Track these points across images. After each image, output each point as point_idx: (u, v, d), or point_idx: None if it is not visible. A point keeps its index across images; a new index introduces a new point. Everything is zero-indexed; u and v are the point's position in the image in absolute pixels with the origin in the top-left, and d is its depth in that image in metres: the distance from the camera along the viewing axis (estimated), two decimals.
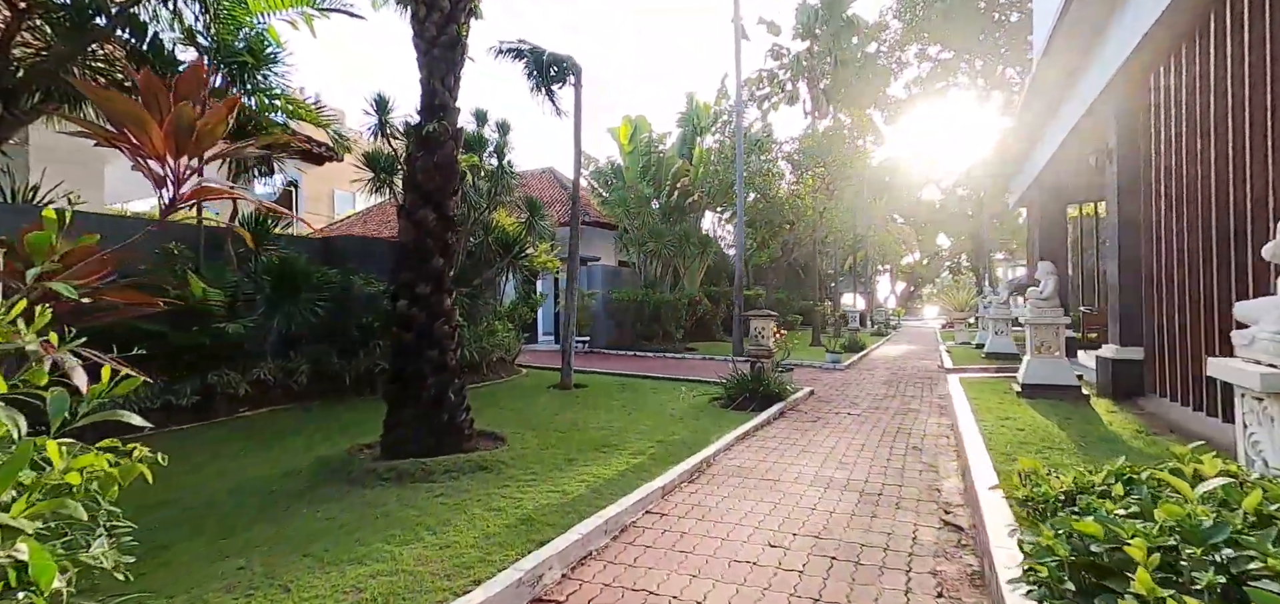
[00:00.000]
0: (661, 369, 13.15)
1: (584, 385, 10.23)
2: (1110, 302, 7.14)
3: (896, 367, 14.30)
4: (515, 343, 11.90)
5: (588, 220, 20.35)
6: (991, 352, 12.32)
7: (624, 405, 8.48)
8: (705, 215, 23.20)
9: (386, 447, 5.63)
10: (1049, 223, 12.05)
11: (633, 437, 6.55)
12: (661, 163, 19.37)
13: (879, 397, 9.68)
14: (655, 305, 16.74)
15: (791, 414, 8.20)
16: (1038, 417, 5.96)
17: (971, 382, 8.97)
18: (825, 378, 12.19)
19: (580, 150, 10.06)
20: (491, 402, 8.72)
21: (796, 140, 19.97)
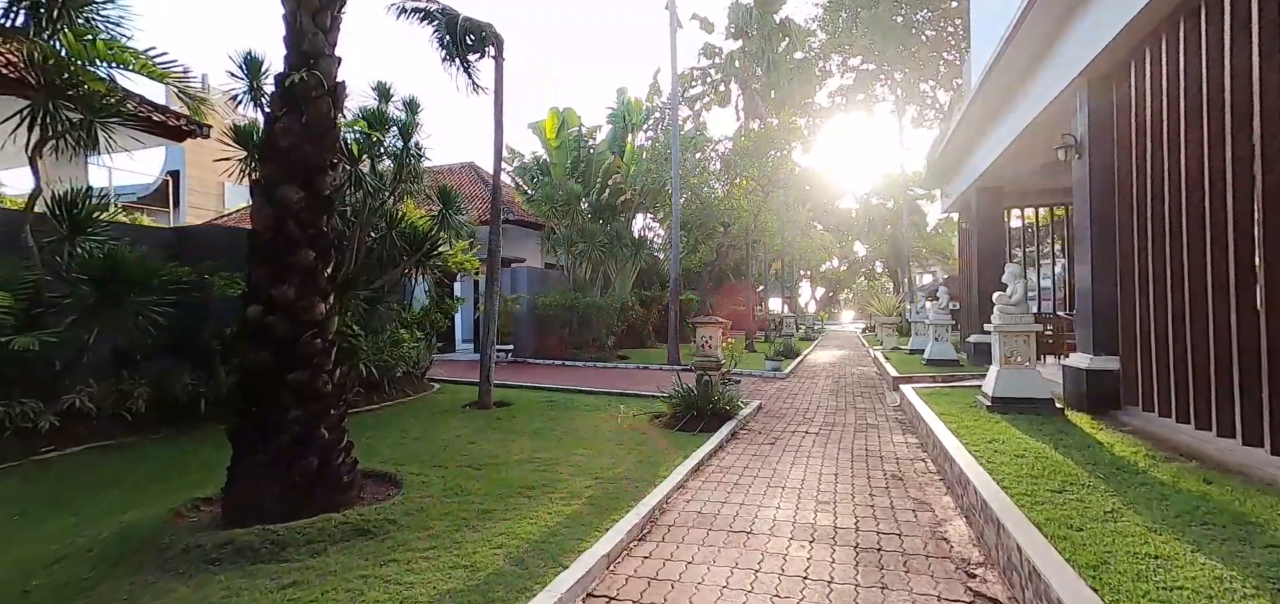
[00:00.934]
0: (594, 381, 11.97)
1: (506, 404, 8.89)
2: (1080, 307, 6.69)
3: (836, 373, 13.85)
4: (426, 354, 10.36)
5: (512, 219, 18.88)
6: (932, 358, 12.03)
7: (553, 428, 7.25)
8: (636, 217, 22.27)
9: (229, 506, 4.15)
10: (987, 226, 11.91)
11: (565, 472, 5.36)
12: (592, 159, 18.21)
13: (831, 410, 8.97)
14: (586, 311, 15.54)
15: (745, 435, 7.27)
16: (1026, 438, 5.30)
17: (927, 393, 8.43)
18: (769, 388, 11.45)
19: (501, 132, 8.75)
20: (392, 428, 7.24)
21: (731, 140, 19.44)
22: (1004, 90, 8.93)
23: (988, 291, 11.93)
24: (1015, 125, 8.81)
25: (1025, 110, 8.29)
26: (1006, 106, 9.16)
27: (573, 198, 16.01)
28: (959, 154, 12.56)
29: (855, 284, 63.04)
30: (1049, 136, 8.62)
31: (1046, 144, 9.28)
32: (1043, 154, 10.02)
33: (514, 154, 20.22)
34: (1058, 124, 8.14)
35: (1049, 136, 8.62)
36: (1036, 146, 9.34)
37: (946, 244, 45.50)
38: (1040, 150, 9.68)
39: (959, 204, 14.11)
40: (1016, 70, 8.01)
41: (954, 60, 32.17)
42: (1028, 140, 8.85)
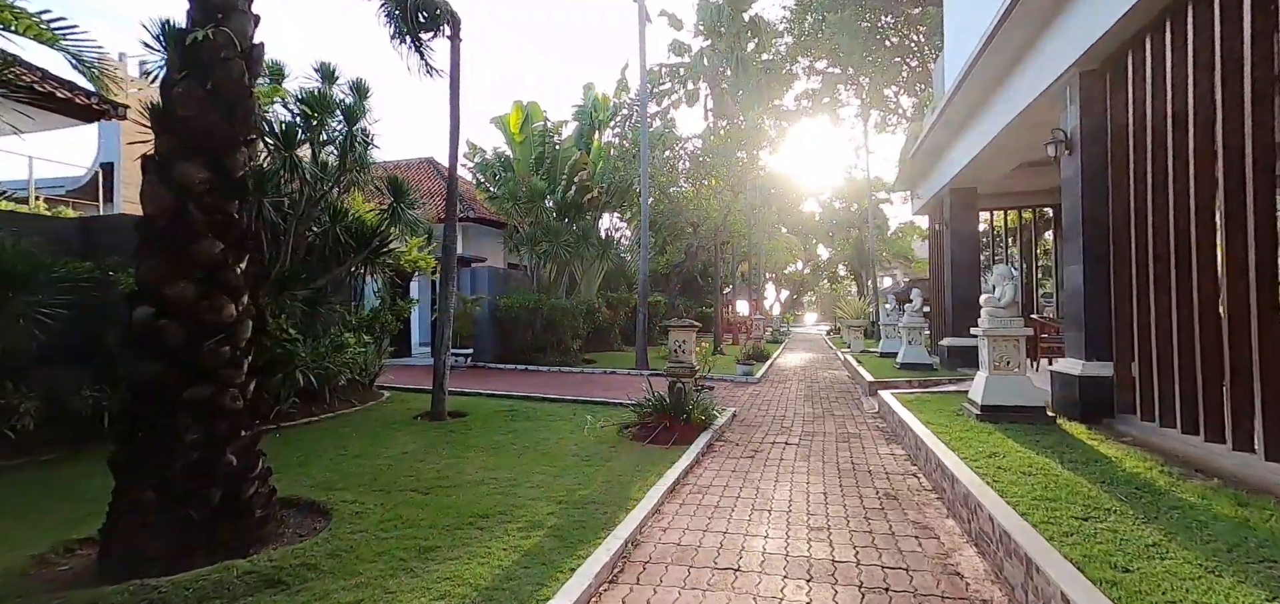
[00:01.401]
0: (559, 388, 11.31)
1: (462, 414, 8.18)
2: (1070, 310, 6.41)
3: (808, 378, 13.52)
4: (375, 360, 9.53)
5: (472, 216, 18.05)
6: (906, 362, 11.78)
7: (513, 442, 6.60)
8: (603, 216, 21.67)
9: (110, 550, 3.40)
10: (961, 227, 11.73)
11: (524, 494, 4.73)
12: (557, 155, 17.53)
13: (809, 418, 8.55)
14: (550, 313, 14.85)
15: (722, 447, 6.75)
16: (1027, 452, 4.92)
17: (908, 399, 8.08)
18: (742, 394, 11.00)
19: (458, 119, 8.04)
20: (330, 444, 6.46)
21: (700, 139, 19.04)
22: (984, 87, 8.68)
23: (962, 294, 11.77)
24: (995, 122, 8.56)
25: (1006, 107, 8.04)
26: (986, 104, 8.92)
27: (537, 195, 15.31)
28: (933, 155, 12.38)
29: (818, 287, 63.79)
30: (1030, 135, 8.41)
31: (1025, 143, 9.08)
32: (1020, 154, 9.85)
33: (475, 149, 19.37)
34: (1039, 122, 7.91)
35: (1030, 135, 8.41)
36: (1015, 146, 9.14)
37: (907, 247, 46.31)
38: (1019, 150, 9.49)
39: (930, 206, 13.97)
40: (1000, 64, 7.73)
41: (917, 67, 32.60)
42: (1007, 139, 8.62)
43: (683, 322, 7.51)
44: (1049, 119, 7.68)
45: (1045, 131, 8.34)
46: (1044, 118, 7.65)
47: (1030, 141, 8.69)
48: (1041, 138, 8.82)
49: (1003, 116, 8.25)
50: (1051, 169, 11.90)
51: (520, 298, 14.81)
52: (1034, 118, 7.73)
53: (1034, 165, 11.45)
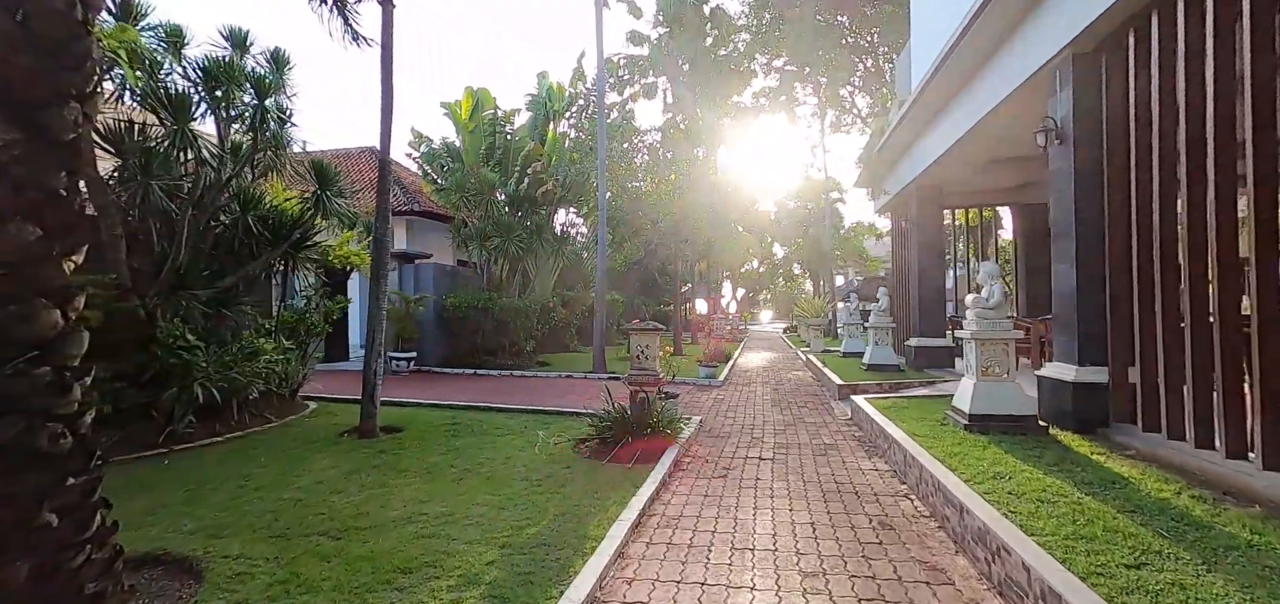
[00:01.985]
0: (509, 395, 10.43)
1: (397, 429, 7.24)
2: (1060, 312, 6.00)
3: (772, 379, 13.04)
4: (298, 367, 8.45)
5: (417, 210, 16.87)
6: (873, 363, 11.41)
7: (452, 463, 5.75)
8: (559, 211, 20.79)
9: None
10: (927, 225, 11.43)
11: (460, 535, 3.93)
12: (510, 146, 16.55)
13: (780, 426, 7.97)
14: (501, 313, 13.89)
15: (690, 464, 6.06)
16: (1034, 471, 4.41)
17: (884, 405, 7.60)
18: (705, 399, 10.37)
19: (391, 95, 7.08)
20: (230, 472, 5.46)
21: (659, 131, 18.38)
22: (960, 77, 8.29)
23: (929, 294, 11.47)
24: (970, 115, 8.17)
25: (985, 98, 7.64)
26: (960, 96, 8.54)
27: (487, 187, 14.32)
28: (899, 151, 12.06)
29: (774, 285, 64.34)
30: (1007, 129, 8.06)
31: (1001, 138, 8.76)
32: (991, 150, 9.55)
33: (421, 139, 18.17)
34: (1019, 114, 7.55)
35: (1007, 129, 8.06)
36: (990, 141, 8.81)
37: (860, 246, 47.02)
38: (991, 146, 9.18)
39: (894, 204, 13.70)
40: (982, 48, 7.32)
41: (872, 67, 32.90)
42: (983, 132, 8.26)
43: (645, 324, 6.79)
44: (1029, 111, 7.32)
45: (1023, 125, 8.02)
46: (1025, 109, 7.28)
47: (1006, 136, 8.37)
48: (1018, 132, 8.53)
49: (980, 108, 7.86)
50: (1017, 167, 11.77)
51: (469, 297, 13.80)
52: (1013, 109, 7.36)
53: (1000, 163, 11.25)
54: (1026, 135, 9.17)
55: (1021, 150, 10.34)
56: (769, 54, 33.89)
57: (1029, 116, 7.58)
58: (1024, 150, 10.26)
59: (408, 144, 18.53)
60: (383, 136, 7.10)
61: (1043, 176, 12.50)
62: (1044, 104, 6.93)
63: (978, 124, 7.97)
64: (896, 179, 12.73)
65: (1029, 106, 7.17)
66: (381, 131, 7.11)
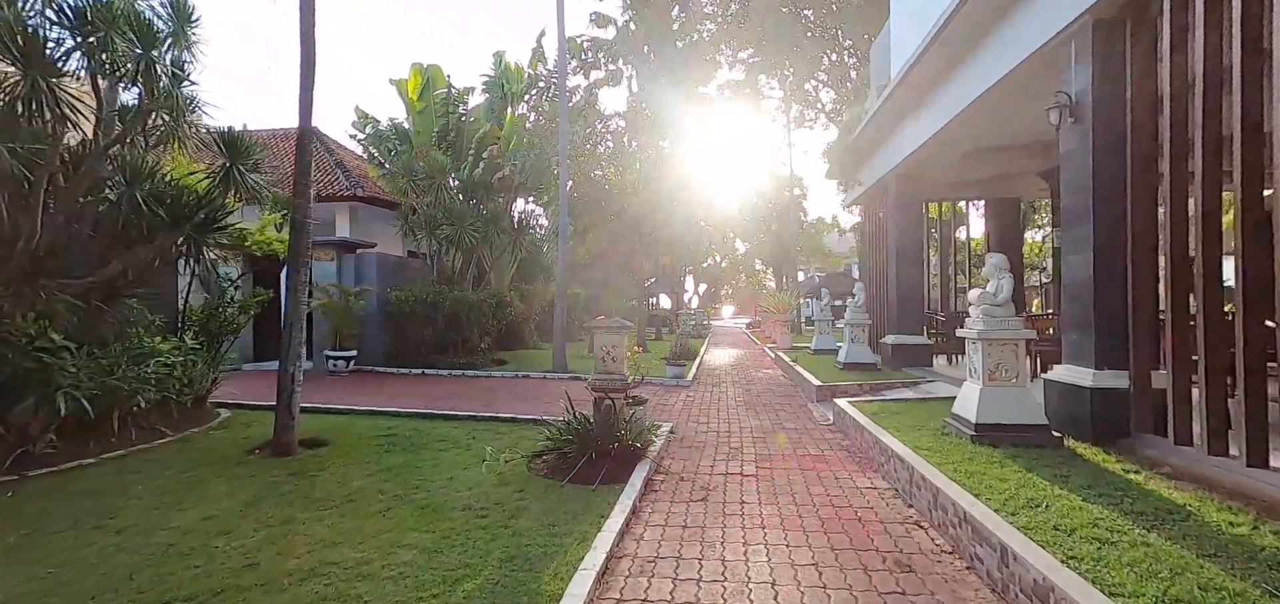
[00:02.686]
0: (459, 398, 9.43)
1: (320, 443, 6.21)
2: (1073, 307, 5.42)
3: (742, 378, 12.38)
4: (205, 371, 7.27)
5: (361, 196, 15.55)
6: (849, 362, 10.84)
7: (380, 489, 4.79)
8: (517, 200, 19.70)
9: None
10: (905, 217, 10.92)
11: (373, 597, 3.02)
12: (464, 128, 15.40)
13: (758, 433, 7.25)
14: (453, 307, 12.80)
15: (662, 484, 5.26)
16: (1073, 498, 3.76)
17: (870, 409, 6.96)
18: (675, 401, 9.60)
19: (312, 46, 5.98)
20: (94, 505, 4.37)
21: (623, 117, 17.50)
22: (949, 58, 7.73)
23: (906, 288, 10.97)
24: (961, 97, 7.61)
25: (978, 77, 7.08)
26: (950, 78, 7.98)
27: (438, 171, 13.16)
28: (876, 140, 11.53)
29: (736, 280, 64.36)
30: (1001, 109, 7.52)
31: (993, 122, 8.26)
32: (982, 134, 9.06)
33: (366, 118, 16.79)
34: (1016, 94, 7.00)
35: (1001, 109, 7.52)
36: (981, 124, 8.28)
37: (821, 241, 47.19)
38: (982, 129, 8.67)
39: (868, 196, 13.21)
40: (976, 24, 6.74)
41: (836, 60, 32.78)
42: (975, 114, 7.71)
43: (613, 323, 5.94)
44: (1028, 90, 6.78)
45: (1018, 107, 7.50)
46: (1022, 89, 6.73)
47: (999, 120, 7.85)
48: (1011, 115, 8.03)
49: (972, 89, 7.29)
50: (996, 158, 11.37)
51: (417, 290, 12.65)
52: (1010, 89, 6.80)
53: (981, 153, 10.82)
54: (1018, 120, 8.73)
55: (1009, 137, 9.92)
56: (735, 45, 33.44)
57: (1024, 98, 7.06)
58: (1011, 137, 9.85)
59: (352, 125, 17.12)
60: (303, 97, 6.01)
61: (1017, 169, 12.21)
62: (1045, 82, 6.39)
63: (970, 106, 7.40)
64: (871, 170, 12.21)
65: (1028, 85, 6.62)
66: (301, 92, 6.01)
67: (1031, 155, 10.85)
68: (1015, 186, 13.16)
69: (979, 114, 7.68)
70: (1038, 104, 7.60)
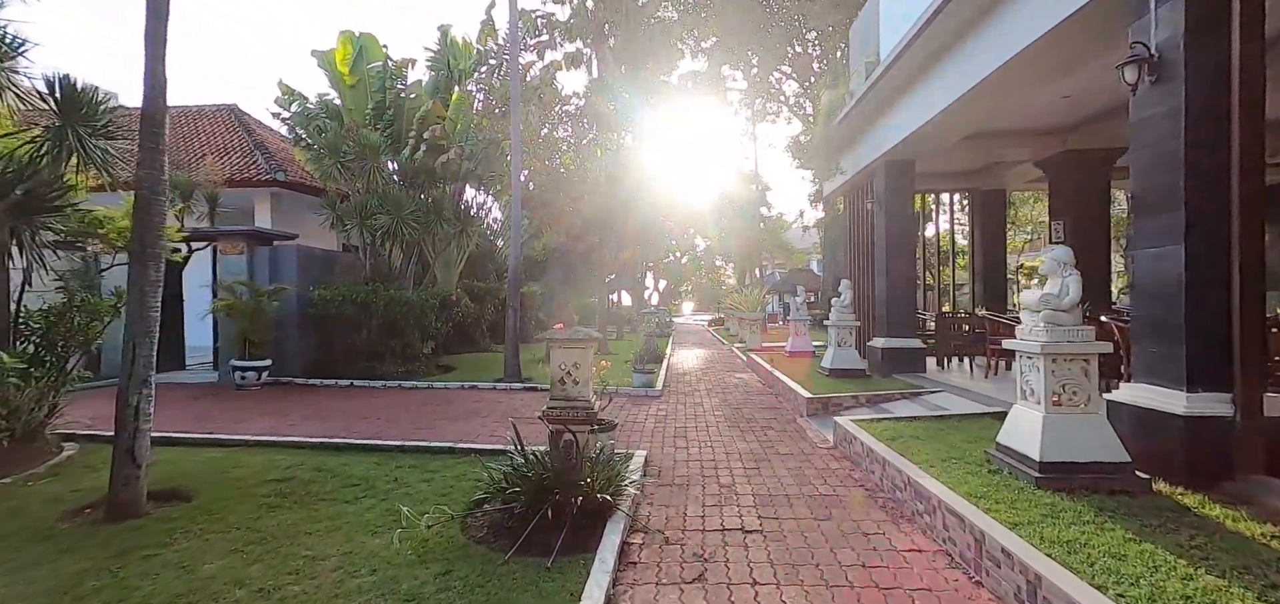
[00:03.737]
0: (390, 418, 7.91)
1: (183, 497, 4.66)
2: (1154, 312, 4.36)
3: (717, 385, 11.19)
4: (37, 399, 5.56)
5: (282, 180, 13.65)
6: (836, 368, 9.78)
7: (245, 578, 3.35)
8: (466, 190, 18.04)
9: None
10: (897, 206, 9.91)
11: None
12: (403, 105, 13.69)
13: (749, 461, 6.03)
14: (390, 308, 11.17)
15: (643, 549, 3.96)
16: (1230, 586, 2.65)
17: (881, 430, 5.84)
18: (645, 417, 8.31)
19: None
20: None
21: (582, 98, 16.06)
22: (962, 23, 6.67)
23: (898, 286, 9.99)
24: (981, 66, 6.56)
25: (1006, 41, 6.02)
26: (968, 42, 6.92)
27: (370, 151, 11.47)
28: (864, 122, 10.50)
29: (696, 277, 63.67)
30: (1029, 73, 6.47)
31: (1001, 101, 7.26)
32: (996, 112, 8.08)
33: (291, 94, 14.85)
34: (1043, 62, 5.98)
35: (1029, 73, 6.47)
36: (1003, 96, 7.26)
37: (785, 238, 46.75)
38: (1000, 105, 7.67)
39: (851, 186, 12.22)
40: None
41: (801, 52, 32.12)
42: (994, 86, 6.67)
43: (574, 333, 4.58)
44: (1061, 52, 5.75)
45: (1046, 74, 6.49)
46: (1058, 51, 5.70)
47: (1024, 90, 6.84)
48: (1036, 85, 7.04)
49: (995, 58, 6.24)
50: (990, 144, 10.50)
51: (345, 289, 10.96)
52: (1043, 53, 5.76)
53: (979, 139, 9.93)
54: (1040, 97, 7.79)
55: (1021, 118, 9.03)
56: (698, 34, 32.39)
57: (1061, 61, 6.06)
58: (1023, 119, 8.94)
59: (275, 102, 15.13)
60: (151, 24, 4.40)
61: (1011, 157, 11.42)
62: (1083, 44, 5.37)
63: (992, 75, 6.34)
64: (856, 157, 11.20)
65: (1065, 46, 5.60)
66: (149, 14, 4.41)
67: (1027, 142, 10.02)
68: (1002, 177, 12.42)
69: (997, 87, 6.67)
70: (1068, 73, 6.66)
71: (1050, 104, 8.56)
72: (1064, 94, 7.96)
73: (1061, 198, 9.79)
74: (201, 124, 16.22)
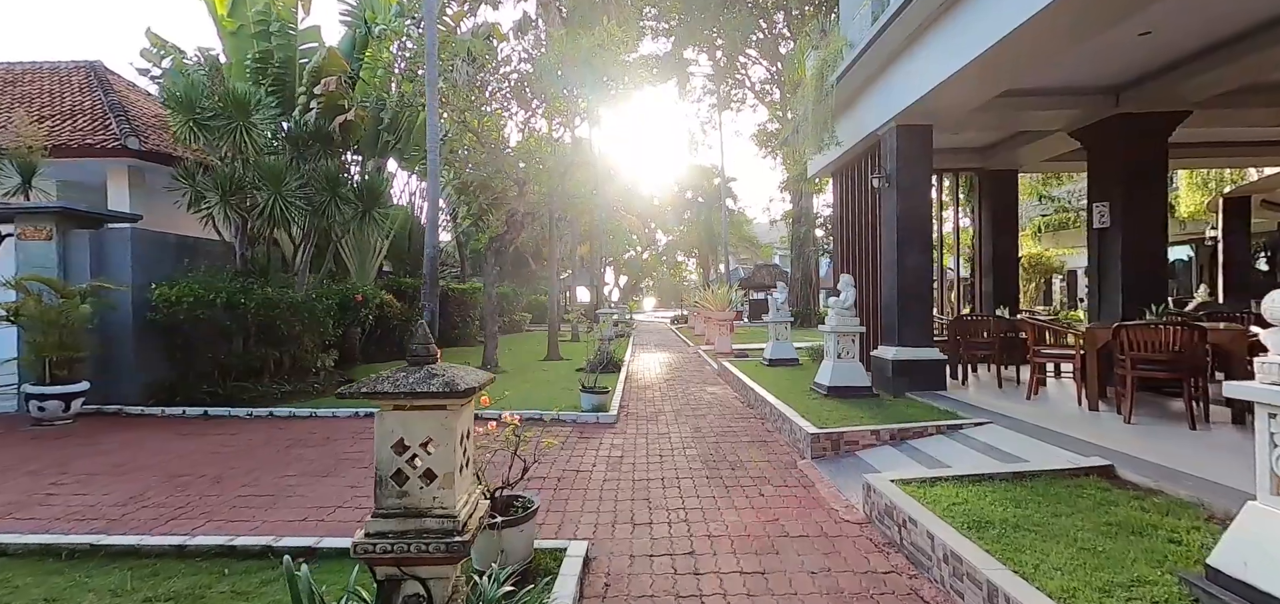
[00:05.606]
0: (211, 480, 5.45)
1: None
2: None
3: (689, 405, 9.03)
4: None
5: (143, 151, 10.81)
6: (836, 385, 7.76)
7: None
8: (395, 172, 15.44)
9: None
10: (913, 181, 7.91)
11: None
12: (294, 57, 11.04)
13: (750, 554, 3.86)
14: (265, 312, 8.60)
15: None
16: None
17: (968, 510, 3.80)
18: (591, 457, 6.07)
19: None
20: None
21: (529, 59, 13.60)
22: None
23: (911, 281, 8.02)
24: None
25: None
26: None
27: (237, 107, 8.82)
28: (866, 80, 8.51)
29: (658, 272, 61.78)
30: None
31: (1055, 43, 5.29)
32: (1041, 60, 6.10)
33: (163, 46, 11.98)
34: None
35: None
36: (1054, 34, 5.27)
37: (751, 232, 45.15)
38: (1045, 47, 5.68)
39: (845, 163, 10.23)
40: None
41: (767, 34, 30.37)
42: (1062, 11, 4.67)
43: (427, 381, 2.29)
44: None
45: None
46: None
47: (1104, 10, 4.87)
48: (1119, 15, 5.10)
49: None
50: (1017, 113, 8.63)
51: (199, 286, 8.30)
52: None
53: (1007, 104, 8.04)
54: (1116, 32, 5.87)
55: (1067, 71, 7.13)
56: (660, 8, 30.26)
57: None
58: (1067, 73, 7.05)
59: (142, 54, 12.23)
60: None
61: (1036, 127, 9.54)
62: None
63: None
64: (856, 123, 9.19)
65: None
66: None
67: (1066, 105, 8.18)
68: (1016, 155, 10.64)
69: (1069, 11, 4.67)
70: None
71: (1112, 49, 6.70)
72: (1142, 30, 6.07)
73: (1107, 175, 8.01)
74: (50, 84, 13.12)
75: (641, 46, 29.91)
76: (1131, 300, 7.67)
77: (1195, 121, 8.03)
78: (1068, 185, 25.58)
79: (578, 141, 16.36)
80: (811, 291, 29.35)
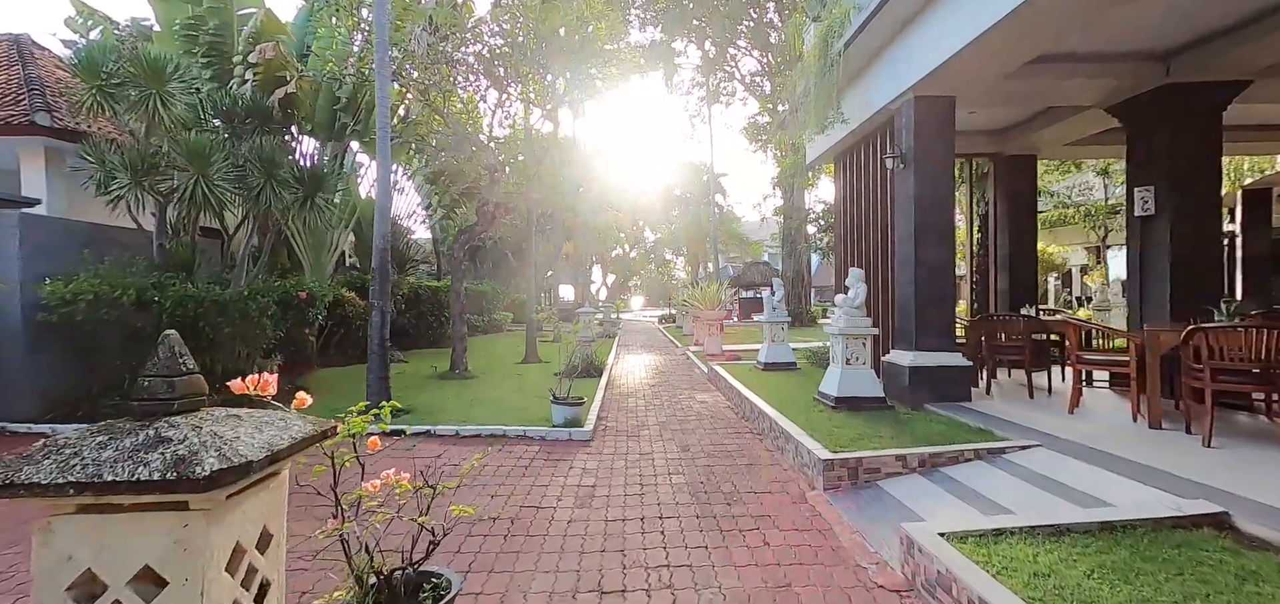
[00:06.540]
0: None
1: None
2: None
3: (676, 416, 7.96)
4: None
5: (46, 127, 9.52)
6: (844, 395, 6.73)
7: None
8: (352, 150, 14.20)
9: None
10: (932, 162, 6.89)
11: None
12: (232, 24, 9.80)
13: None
14: (182, 310, 7.39)
15: None
16: None
17: (1045, 585, 2.78)
18: (559, 493, 4.97)
19: None
20: None
21: (502, 36, 12.41)
22: None
23: (931, 276, 6.99)
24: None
25: None
26: None
27: (149, 74, 7.59)
28: (874, 48, 7.48)
29: (645, 270, 60.72)
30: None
31: None
32: (1082, 14, 5.08)
33: (89, 15, 10.70)
34: None
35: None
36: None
37: (740, 230, 44.19)
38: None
39: (851, 144, 9.21)
40: None
41: (757, 22, 29.38)
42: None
43: (128, 475, 1.19)
44: None
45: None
46: None
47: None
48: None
49: None
50: (1045, 86, 7.61)
51: (103, 282, 7.06)
52: None
53: (1035, 74, 7.04)
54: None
55: (1109, 34, 6.14)
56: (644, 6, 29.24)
57: None
58: (1109, 37, 6.06)
59: (66, 23, 10.94)
60: None
61: (1065, 100, 8.48)
62: None
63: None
64: (865, 98, 8.15)
65: None
66: None
67: (1102, 75, 7.18)
68: (1035, 138, 9.66)
69: None
70: None
71: (1168, 7, 5.72)
72: None
73: (1150, 156, 7.03)
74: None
75: (629, 37, 28.78)
76: (1180, 297, 6.70)
77: (1248, 96, 7.07)
78: (1068, 179, 24.80)
79: (557, 130, 15.25)
80: (803, 290, 28.39)
